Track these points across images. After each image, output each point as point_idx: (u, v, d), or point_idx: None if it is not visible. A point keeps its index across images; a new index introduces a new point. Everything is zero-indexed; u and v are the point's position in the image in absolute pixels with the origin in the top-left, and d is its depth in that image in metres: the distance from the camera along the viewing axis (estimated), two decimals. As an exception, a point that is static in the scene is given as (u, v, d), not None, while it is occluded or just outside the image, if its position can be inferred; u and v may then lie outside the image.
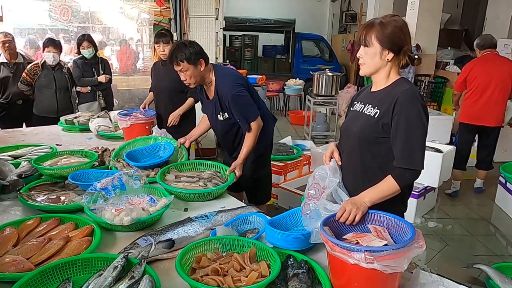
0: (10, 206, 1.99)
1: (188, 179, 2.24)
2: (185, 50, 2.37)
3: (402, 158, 1.55)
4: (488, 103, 4.40)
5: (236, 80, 2.52)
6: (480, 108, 4.44)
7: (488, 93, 4.39)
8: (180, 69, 2.42)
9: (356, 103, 1.79)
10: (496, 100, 4.39)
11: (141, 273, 1.31)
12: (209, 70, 2.50)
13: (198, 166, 2.49)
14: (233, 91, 2.44)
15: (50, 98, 4.20)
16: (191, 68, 2.39)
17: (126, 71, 6.51)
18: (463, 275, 3.06)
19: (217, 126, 2.65)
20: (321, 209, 1.56)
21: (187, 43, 2.44)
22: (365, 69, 1.67)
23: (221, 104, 2.51)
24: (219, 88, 2.49)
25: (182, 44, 2.42)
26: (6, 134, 3.42)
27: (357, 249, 1.25)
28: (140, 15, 6.29)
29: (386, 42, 1.58)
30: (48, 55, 4.10)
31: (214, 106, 2.55)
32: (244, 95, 2.48)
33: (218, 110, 2.54)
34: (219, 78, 2.50)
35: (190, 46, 2.41)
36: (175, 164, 2.47)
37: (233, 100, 2.44)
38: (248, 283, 1.30)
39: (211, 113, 2.63)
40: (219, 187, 2.19)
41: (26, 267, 1.41)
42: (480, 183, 4.88)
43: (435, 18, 6.71)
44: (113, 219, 1.70)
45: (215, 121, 2.61)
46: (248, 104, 2.51)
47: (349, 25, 13.01)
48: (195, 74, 2.43)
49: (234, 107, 2.46)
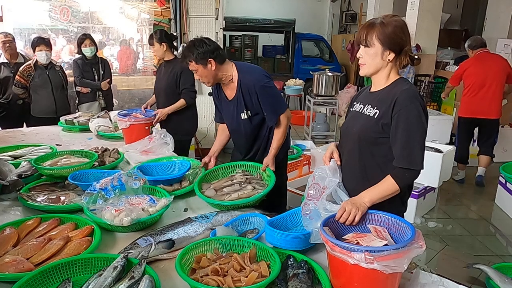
0: (10, 206, 1.99)
1: (230, 189, 2.10)
2: (192, 50, 2.29)
3: (402, 158, 1.55)
4: (485, 97, 4.76)
5: (263, 72, 2.45)
6: (479, 102, 4.79)
7: (485, 89, 4.75)
8: (191, 69, 2.36)
9: (356, 103, 1.79)
10: (493, 94, 4.75)
11: (141, 273, 1.31)
12: (227, 68, 2.38)
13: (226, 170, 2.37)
14: (262, 82, 2.36)
15: (47, 98, 4.15)
16: (200, 68, 2.31)
17: (126, 71, 6.51)
18: (463, 275, 3.06)
19: (240, 127, 2.50)
20: (321, 209, 1.56)
21: (196, 42, 2.33)
22: (366, 69, 1.66)
23: (245, 101, 2.39)
24: (244, 83, 2.37)
25: (191, 43, 2.34)
26: (6, 134, 3.42)
27: (357, 249, 1.25)
28: (140, 15, 6.29)
29: (387, 42, 1.58)
30: (40, 54, 4.03)
31: (236, 105, 2.43)
32: (272, 86, 2.42)
33: (241, 109, 2.42)
34: (244, 72, 2.40)
35: (199, 45, 2.30)
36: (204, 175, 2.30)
37: (262, 90, 2.35)
38: (248, 283, 1.30)
39: (231, 114, 2.48)
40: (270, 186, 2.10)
41: (26, 267, 1.41)
42: (482, 171, 5.06)
43: (435, 18, 6.71)
44: (113, 219, 1.70)
45: (237, 121, 2.47)
46: (277, 95, 2.44)
47: (349, 25, 13.00)
48: (206, 74, 2.33)
49: (263, 99, 2.36)
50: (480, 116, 4.83)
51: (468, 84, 4.85)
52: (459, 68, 4.99)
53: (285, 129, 2.46)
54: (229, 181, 2.19)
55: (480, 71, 4.75)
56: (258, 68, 2.53)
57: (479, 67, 4.76)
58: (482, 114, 4.81)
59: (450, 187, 4.87)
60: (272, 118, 2.42)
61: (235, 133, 2.59)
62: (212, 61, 2.30)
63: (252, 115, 2.44)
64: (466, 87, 4.87)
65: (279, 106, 2.43)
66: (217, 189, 2.11)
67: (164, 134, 2.81)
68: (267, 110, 2.40)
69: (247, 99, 2.39)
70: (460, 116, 5.01)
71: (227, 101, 2.50)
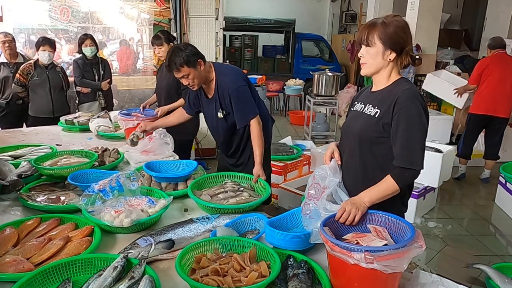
0: (10, 206, 1.99)
1: (225, 195, 2.09)
2: (182, 54, 2.31)
3: (402, 157, 1.55)
4: (502, 95, 4.88)
5: (238, 75, 2.52)
6: (495, 99, 4.89)
7: (503, 86, 4.88)
8: (182, 76, 2.36)
9: (356, 103, 1.79)
10: (510, 93, 4.89)
11: (141, 273, 1.31)
12: (209, 68, 2.47)
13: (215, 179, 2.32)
14: (235, 85, 2.43)
15: (45, 98, 4.16)
16: (192, 71, 2.35)
17: (126, 71, 6.51)
18: (463, 275, 3.06)
19: (217, 126, 2.62)
20: (321, 209, 1.56)
21: (181, 47, 2.38)
22: (367, 69, 1.66)
23: (221, 101, 2.48)
24: (220, 84, 2.45)
25: (177, 49, 2.36)
26: (6, 134, 3.41)
27: (357, 249, 1.25)
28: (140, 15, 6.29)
29: (389, 42, 1.58)
30: (43, 54, 4.05)
31: (214, 104, 2.52)
32: (245, 90, 2.47)
33: (218, 108, 2.51)
34: (221, 74, 2.48)
35: (185, 49, 2.35)
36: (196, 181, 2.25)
37: (235, 93, 2.42)
38: (248, 283, 1.30)
39: (211, 112, 2.59)
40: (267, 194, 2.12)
41: (26, 267, 1.41)
42: (488, 173, 5.24)
43: (435, 18, 6.71)
44: (113, 221, 1.70)
45: (215, 120, 2.58)
46: (248, 100, 2.48)
47: (349, 25, 13.01)
48: (197, 75, 2.38)
49: (235, 101, 2.42)
50: (493, 113, 4.92)
51: (487, 81, 4.93)
52: (478, 68, 5.07)
53: (260, 134, 2.48)
54: (221, 188, 2.17)
55: (498, 70, 4.87)
56: (236, 70, 2.60)
57: (497, 66, 4.89)
58: (495, 112, 4.90)
59: (450, 187, 4.87)
60: (240, 121, 2.49)
61: (214, 131, 2.71)
62: (201, 61, 2.38)
63: (226, 115, 2.51)
64: (483, 83, 4.96)
65: (249, 111, 2.48)
66: (211, 195, 2.10)
67: (164, 134, 2.80)
68: (236, 113, 2.47)
69: (221, 100, 2.48)
70: (472, 113, 5.07)
71: (207, 100, 2.58)
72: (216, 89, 2.48)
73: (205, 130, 5.52)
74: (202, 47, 5.37)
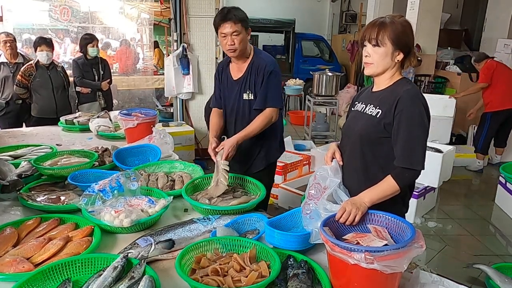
0: (10, 206, 1.99)
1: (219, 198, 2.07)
2: (242, 13, 2.26)
3: (403, 157, 1.55)
4: None
5: (276, 63, 2.43)
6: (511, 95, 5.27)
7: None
8: (234, 31, 2.23)
9: (357, 103, 1.78)
10: None
11: (141, 273, 1.31)
12: (250, 45, 2.39)
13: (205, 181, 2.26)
14: (273, 67, 2.34)
15: (48, 98, 4.16)
16: (244, 32, 2.26)
17: (126, 71, 6.51)
18: (463, 275, 3.06)
19: (239, 108, 2.44)
20: (321, 209, 1.56)
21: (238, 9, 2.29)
22: (373, 69, 1.64)
23: (251, 81, 2.36)
24: (257, 62, 2.35)
25: (236, 7, 2.29)
26: (6, 134, 3.41)
27: (357, 249, 1.25)
28: (140, 15, 6.30)
29: (398, 43, 1.57)
30: (41, 54, 4.05)
31: (241, 85, 2.40)
32: (279, 78, 2.40)
33: (245, 89, 2.39)
34: (259, 54, 2.40)
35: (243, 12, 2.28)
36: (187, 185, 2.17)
37: (271, 74, 2.32)
38: (248, 283, 1.30)
39: (234, 95, 2.44)
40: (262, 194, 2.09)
41: (26, 267, 1.41)
42: (499, 158, 5.76)
43: (435, 18, 6.71)
44: (113, 221, 1.70)
45: (238, 102, 2.43)
46: (278, 87, 2.40)
47: (349, 25, 13.00)
48: (244, 39, 2.28)
49: (266, 81, 2.32)
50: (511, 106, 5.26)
51: (498, 81, 5.23)
52: (489, 68, 5.32)
53: (266, 123, 2.32)
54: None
55: (506, 70, 5.34)
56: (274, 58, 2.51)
57: (503, 67, 5.36)
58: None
59: (450, 187, 4.87)
60: (260, 102, 2.34)
61: (232, 116, 2.50)
62: (250, 30, 2.33)
63: (253, 98, 2.38)
64: (497, 84, 5.24)
65: (272, 97, 2.35)
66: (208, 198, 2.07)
67: (164, 134, 2.80)
68: (261, 93, 2.34)
69: (253, 79, 2.36)
70: (492, 112, 5.32)
71: (232, 81, 2.47)
72: (250, 68, 2.37)
73: (205, 130, 5.55)
74: (202, 47, 5.40)
